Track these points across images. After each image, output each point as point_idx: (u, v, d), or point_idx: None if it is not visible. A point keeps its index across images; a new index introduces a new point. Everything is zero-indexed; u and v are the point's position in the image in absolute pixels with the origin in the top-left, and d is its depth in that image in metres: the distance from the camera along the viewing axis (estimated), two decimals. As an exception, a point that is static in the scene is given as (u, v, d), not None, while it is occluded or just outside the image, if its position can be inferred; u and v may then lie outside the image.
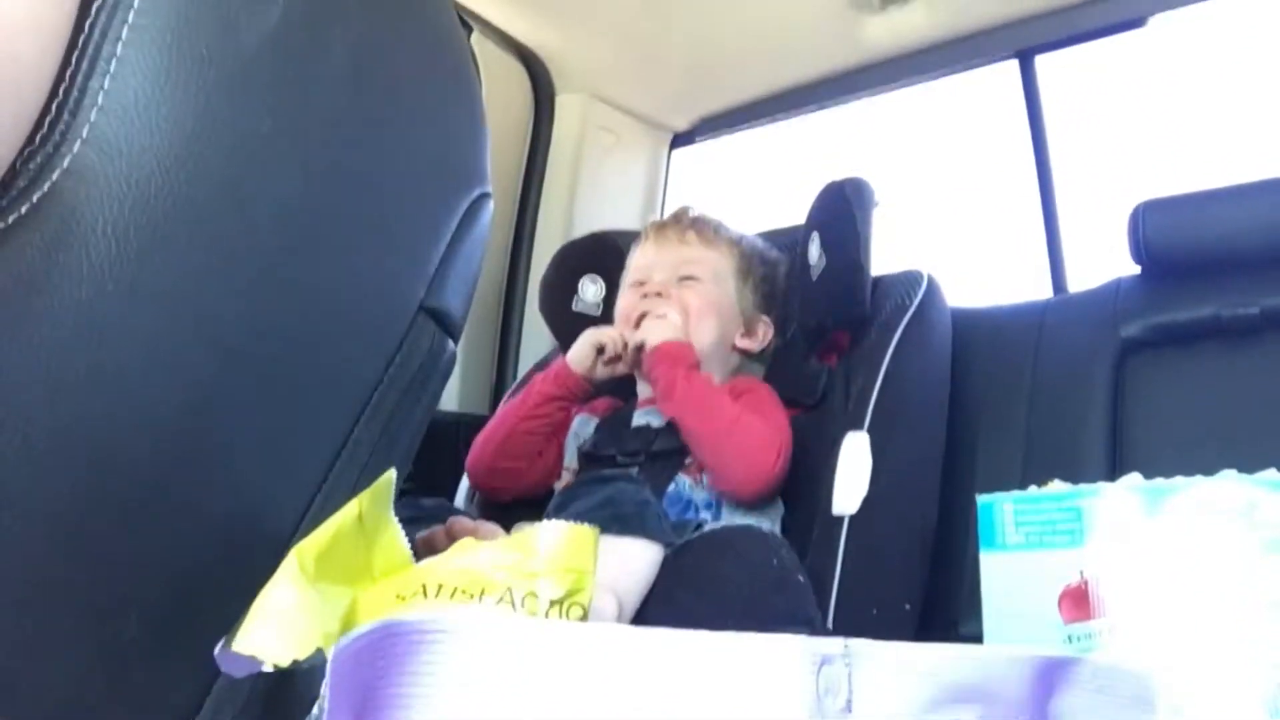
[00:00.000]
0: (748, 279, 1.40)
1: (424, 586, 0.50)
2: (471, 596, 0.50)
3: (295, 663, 0.44)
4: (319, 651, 0.44)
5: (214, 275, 0.44)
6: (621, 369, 1.36)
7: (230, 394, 0.47)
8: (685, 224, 1.42)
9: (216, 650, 0.44)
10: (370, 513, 0.49)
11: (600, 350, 1.35)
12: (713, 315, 1.35)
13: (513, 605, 0.49)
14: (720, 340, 1.36)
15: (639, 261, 1.43)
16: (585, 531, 0.53)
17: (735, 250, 1.41)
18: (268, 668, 0.44)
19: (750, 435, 1.19)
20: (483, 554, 0.52)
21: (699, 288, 1.36)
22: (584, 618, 0.51)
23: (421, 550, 0.82)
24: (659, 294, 1.35)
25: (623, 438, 1.32)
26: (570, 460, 1.36)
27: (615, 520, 0.98)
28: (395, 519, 0.52)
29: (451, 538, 0.98)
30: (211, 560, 0.48)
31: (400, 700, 0.37)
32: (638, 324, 1.35)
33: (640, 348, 1.30)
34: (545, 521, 0.53)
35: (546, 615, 0.50)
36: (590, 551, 0.52)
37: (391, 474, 0.51)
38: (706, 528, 1.12)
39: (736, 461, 1.18)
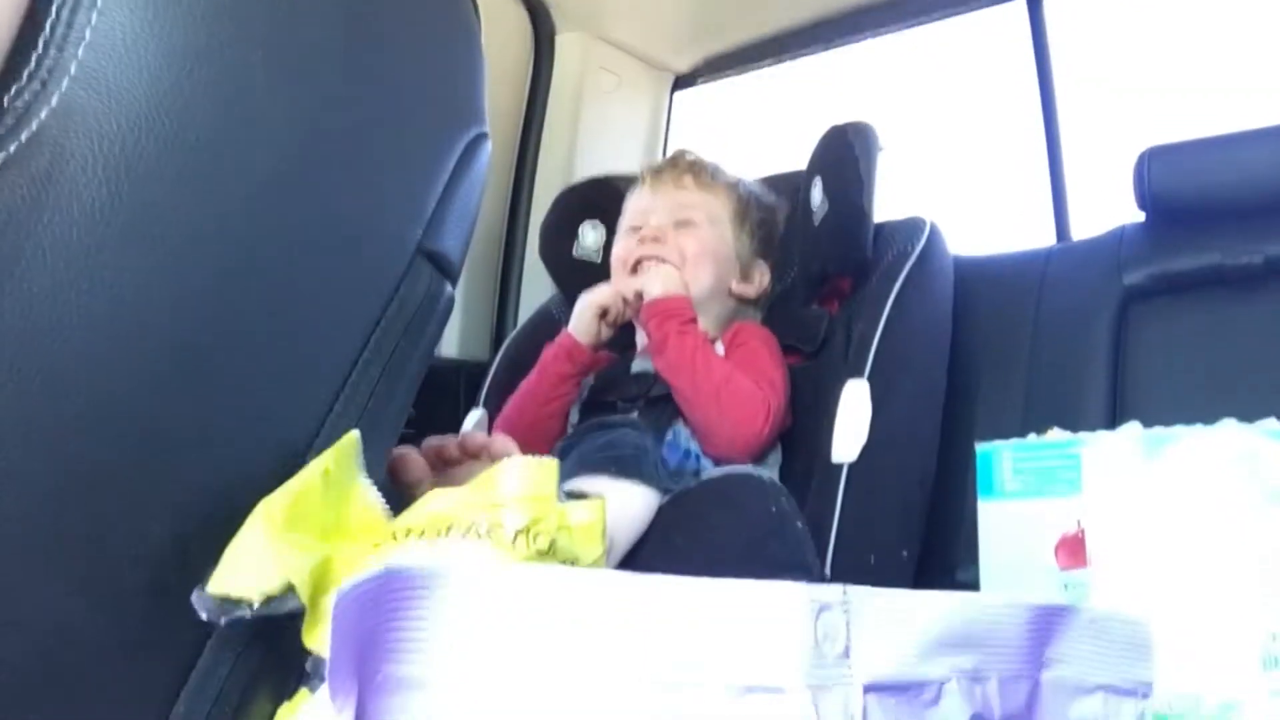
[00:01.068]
0: (745, 223, 1.39)
1: (394, 533, 0.51)
2: (438, 533, 0.51)
3: (266, 599, 0.46)
4: (289, 587, 0.45)
5: (206, 213, 0.44)
6: (628, 315, 1.35)
7: (226, 336, 0.47)
8: (682, 168, 1.40)
9: (193, 595, 0.45)
10: (338, 471, 0.51)
11: (604, 313, 1.34)
12: (709, 261, 1.34)
13: (478, 536, 0.50)
14: (716, 286, 1.35)
15: (635, 206, 1.41)
16: (544, 462, 0.54)
17: (732, 194, 1.39)
18: (243, 611, 0.45)
19: (737, 398, 1.18)
20: (449, 496, 0.53)
21: (695, 232, 1.34)
22: (551, 545, 0.52)
23: (431, 457, 0.83)
24: (655, 239, 1.34)
25: (621, 384, 1.32)
26: (574, 417, 1.36)
27: (612, 463, 0.98)
28: (367, 479, 0.53)
29: (465, 450, 0.98)
30: (210, 505, 0.48)
31: (403, 645, 0.37)
32: (634, 269, 1.34)
33: (640, 295, 1.29)
34: (506, 459, 0.54)
35: (513, 543, 0.51)
36: (550, 480, 0.54)
37: (355, 434, 0.52)
38: (705, 475, 1.12)
39: (722, 425, 1.18)
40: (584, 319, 1.35)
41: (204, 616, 0.46)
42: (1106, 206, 1.51)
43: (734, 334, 1.31)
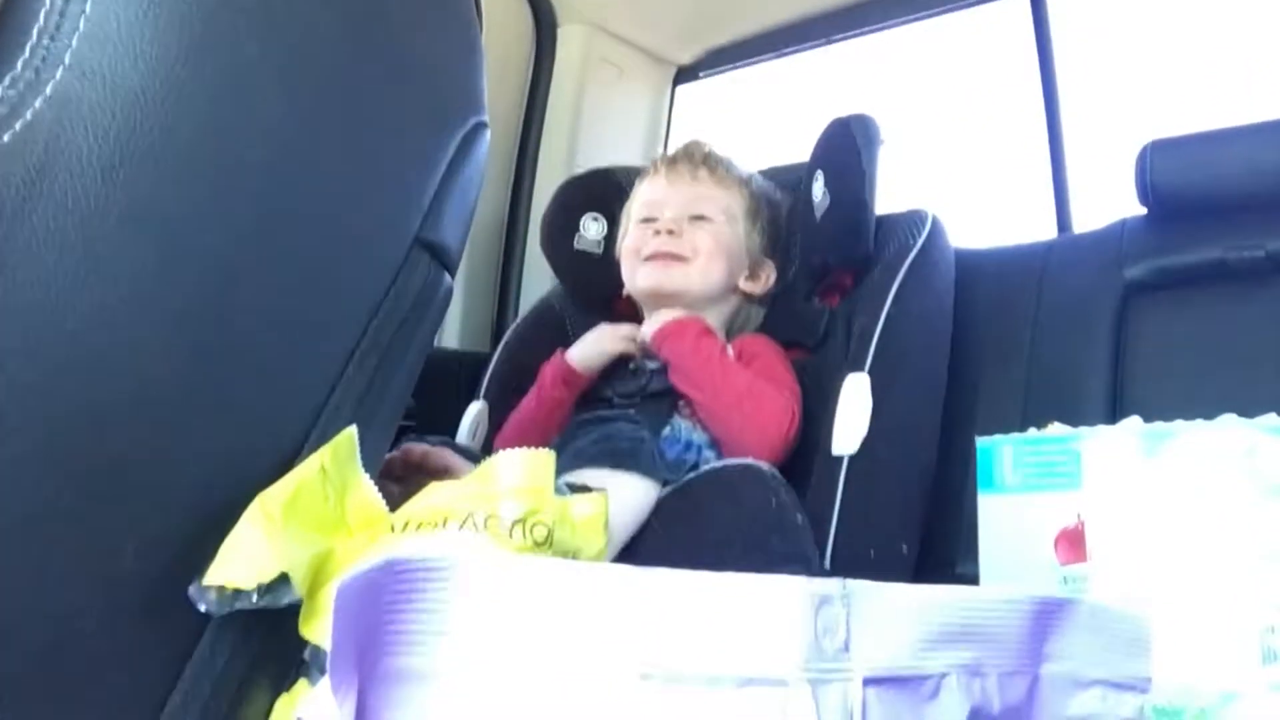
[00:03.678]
0: (756, 220, 1.39)
1: (391, 525, 0.52)
2: (435, 525, 0.51)
3: (263, 589, 0.46)
4: (283, 575, 0.46)
5: (202, 204, 0.43)
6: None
7: (222, 325, 0.46)
8: (698, 160, 1.39)
9: (190, 589, 0.45)
10: (334, 467, 0.51)
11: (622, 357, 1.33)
12: (722, 256, 1.33)
13: (475, 528, 0.51)
14: (727, 282, 1.35)
15: (648, 196, 1.40)
16: (541, 454, 0.54)
17: (746, 190, 1.39)
18: (241, 603, 0.45)
19: (763, 405, 1.18)
20: (447, 490, 0.54)
21: (710, 228, 1.34)
22: (548, 536, 0.52)
23: (382, 474, 0.84)
24: (670, 232, 1.33)
25: (619, 379, 1.32)
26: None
27: (609, 455, 0.98)
28: (365, 473, 0.53)
29: (407, 462, 0.98)
30: (207, 498, 0.48)
31: (406, 636, 0.37)
32: (649, 258, 1.34)
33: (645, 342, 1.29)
34: (501, 451, 0.54)
35: (510, 534, 0.52)
36: (546, 472, 0.54)
37: (353, 430, 0.52)
38: (705, 466, 1.12)
39: (749, 433, 1.17)
40: (592, 356, 1.34)
41: (202, 608, 0.46)
42: (1109, 199, 1.51)
43: (741, 346, 1.30)
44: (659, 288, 1.33)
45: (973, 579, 0.88)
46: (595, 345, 1.34)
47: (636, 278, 1.36)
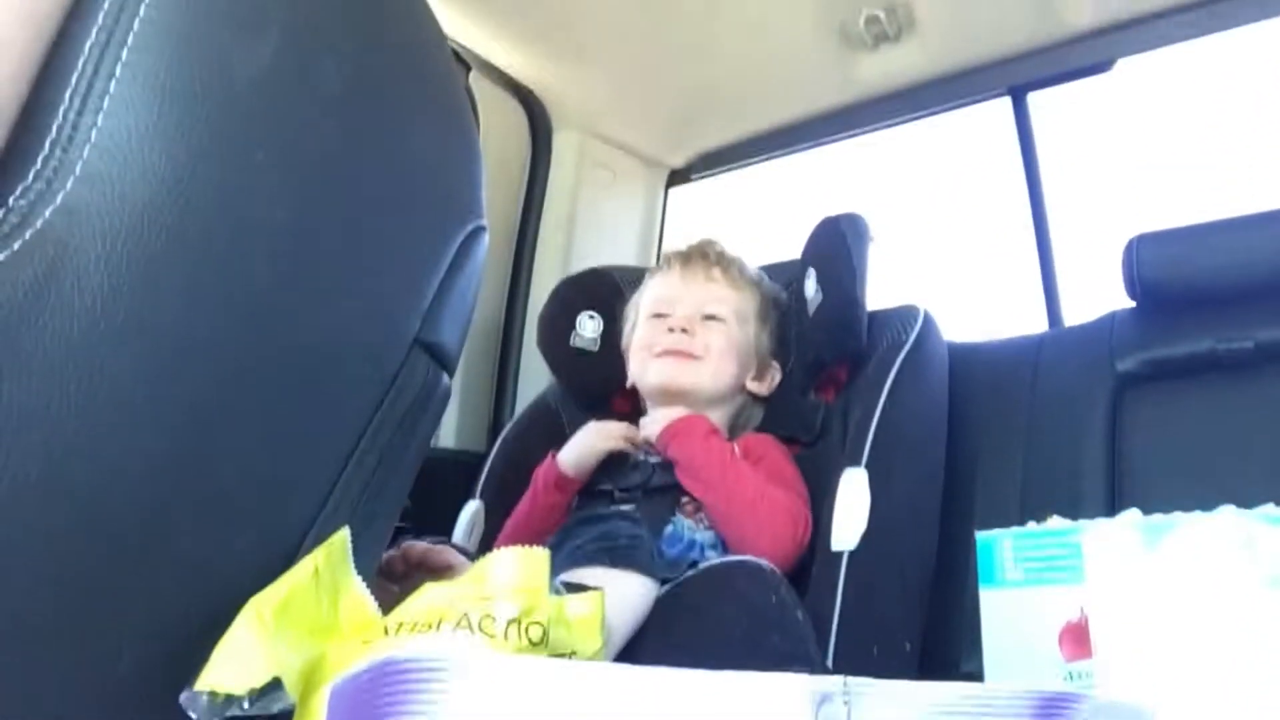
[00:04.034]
0: (766, 323, 1.40)
1: (385, 627, 0.51)
2: (430, 626, 0.50)
3: (255, 695, 0.45)
4: (275, 680, 0.45)
5: (207, 309, 0.44)
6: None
7: (223, 428, 0.47)
8: (712, 259, 1.41)
9: (182, 696, 0.45)
10: (328, 569, 0.51)
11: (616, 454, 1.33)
12: (733, 357, 1.34)
13: (470, 629, 0.50)
14: (736, 383, 1.36)
15: (661, 292, 1.41)
16: (535, 552, 0.54)
17: (757, 292, 1.41)
18: (233, 709, 0.44)
19: (775, 509, 1.17)
20: (440, 590, 0.54)
21: (722, 328, 1.35)
22: (544, 635, 0.52)
23: (382, 573, 0.83)
24: (684, 330, 1.34)
25: (620, 473, 1.32)
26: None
27: (607, 553, 0.97)
28: (358, 577, 0.53)
29: (407, 560, 0.97)
30: (203, 598, 0.48)
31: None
32: (659, 355, 1.34)
33: (648, 441, 1.29)
34: (495, 550, 0.54)
35: (505, 635, 0.51)
36: (541, 571, 0.54)
37: (345, 532, 0.52)
38: (703, 565, 1.11)
39: (761, 538, 1.16)
40: (584, 457, 1.32)
41: (194, 716, 0.45)
42: (1096, 292, 1.53)
43: (746, 445, 1.29)
44: (670, 383, 1.33)
45: (977, 675, 0.87)
46: (585, 445, 1.34)
47: (648, 373, 1.36)
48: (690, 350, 1.33)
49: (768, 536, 1.16)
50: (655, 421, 1.29)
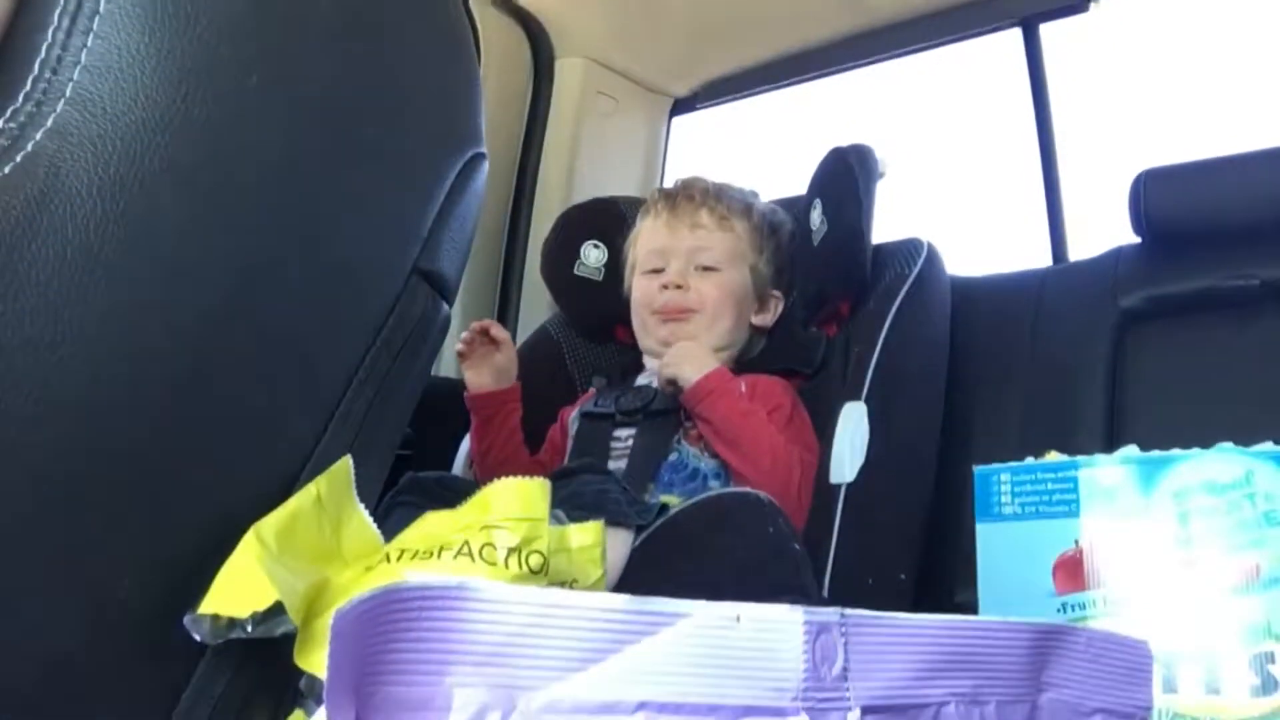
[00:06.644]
0: (761, 254, 1.39)
1: (387, 554, 0.52)
2: (430, 554, 0.51)
3: (258, 619, 0.46)
4: (277, 604, 0.45)
5: (202, 234, 0.44)
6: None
7: (221, 354, 0.47)
8: (697, 202, 1.39)
9: (185, 619, 0.45)
10: (330, 496, 0.51)
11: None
12: (731, 304, 1.34)
13: (471, 557, 0.51)
14: (737, 324, 1.36)
15: (651, 244, 1.40)
16: (536, 483, 0.54)
17: (747, 226, 1.39)
18: (236, 632, 0.45)
19: (790, 475, 1.18)
20: (441, 518, 0.54)
21: (716, 278, 1.35)
22: (544, 563, 0.52)
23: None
24: (678, 286, 1.34)
25: (622, 396, 1.32)
26: (574, 428, 1.36)
27: (575, 511, 0.98)
28: (360, 505, 0.53)
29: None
30: (204, 523, 0.48)
31: (404, 663, 0.36)
32: (658, 313, 1.35)
33: (673, 382, 1.27)
34: (497, 480, 0.54)
35: (505, 563, 0.51)
36: (541, 501, 0.54)
37: (348, 460, 0.52)
38: (701, 496, 1.11)
39: (768, 488, 1.13)
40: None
41: (197, 638, 0.46)
42: (1104, 227, 1.51)
43: (759, 388, 1.28)
44: (670, 342, 1.33)
45: (971, 607, 0.88)
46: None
47: (647, 334, 1.38)
48: (685, 305, 1.34)
49: (777, 485, 1.15)
50: (677, 364, 1.27)
